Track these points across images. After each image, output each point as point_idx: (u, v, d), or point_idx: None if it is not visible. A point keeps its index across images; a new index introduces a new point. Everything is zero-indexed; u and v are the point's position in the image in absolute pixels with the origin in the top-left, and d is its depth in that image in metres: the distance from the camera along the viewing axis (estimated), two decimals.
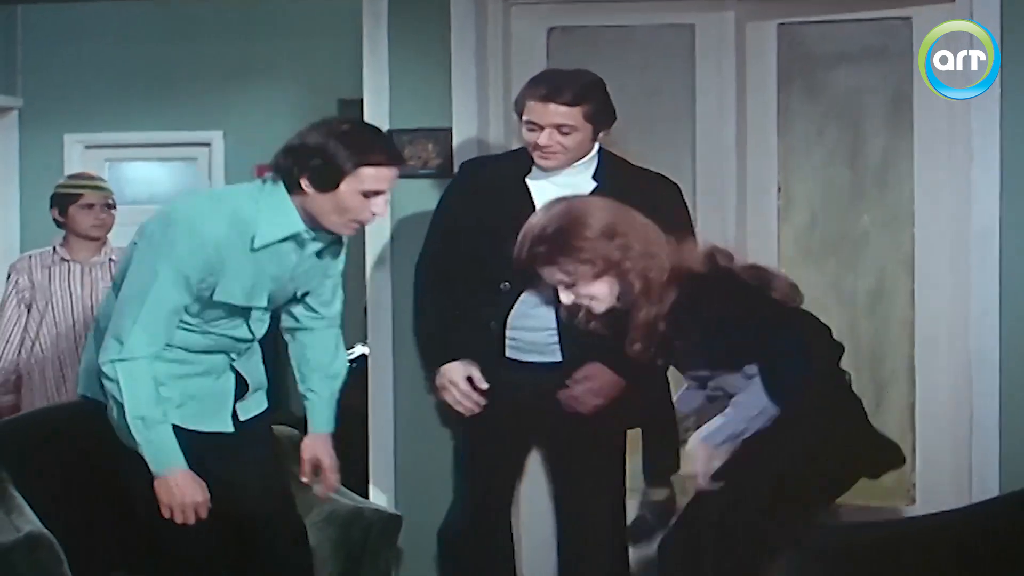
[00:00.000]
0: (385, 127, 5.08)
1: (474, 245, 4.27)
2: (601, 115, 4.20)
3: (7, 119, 9.04)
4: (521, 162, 4.30)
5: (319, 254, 3.78)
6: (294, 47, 9.00)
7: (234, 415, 3.87)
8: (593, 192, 4.17)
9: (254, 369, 3.96)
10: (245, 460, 3.86)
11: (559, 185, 4.20)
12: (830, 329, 3.85)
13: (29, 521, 3.72)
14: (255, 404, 3.97)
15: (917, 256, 4.91)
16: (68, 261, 5.38)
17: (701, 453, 3.73)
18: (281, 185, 3.59)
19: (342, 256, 3.94)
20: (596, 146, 4.28)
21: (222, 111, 9.10)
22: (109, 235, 5.50)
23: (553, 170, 4.23)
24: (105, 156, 9.37)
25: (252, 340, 3.86)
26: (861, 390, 4.86)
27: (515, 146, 4.60)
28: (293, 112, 9.06)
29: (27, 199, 8.80)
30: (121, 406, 3.55)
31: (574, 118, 4.13)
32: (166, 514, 3.60)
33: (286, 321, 4.02)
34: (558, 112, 4.12)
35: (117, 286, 3.68)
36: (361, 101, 5.17)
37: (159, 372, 3.59)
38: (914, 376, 4.90)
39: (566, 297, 3.80)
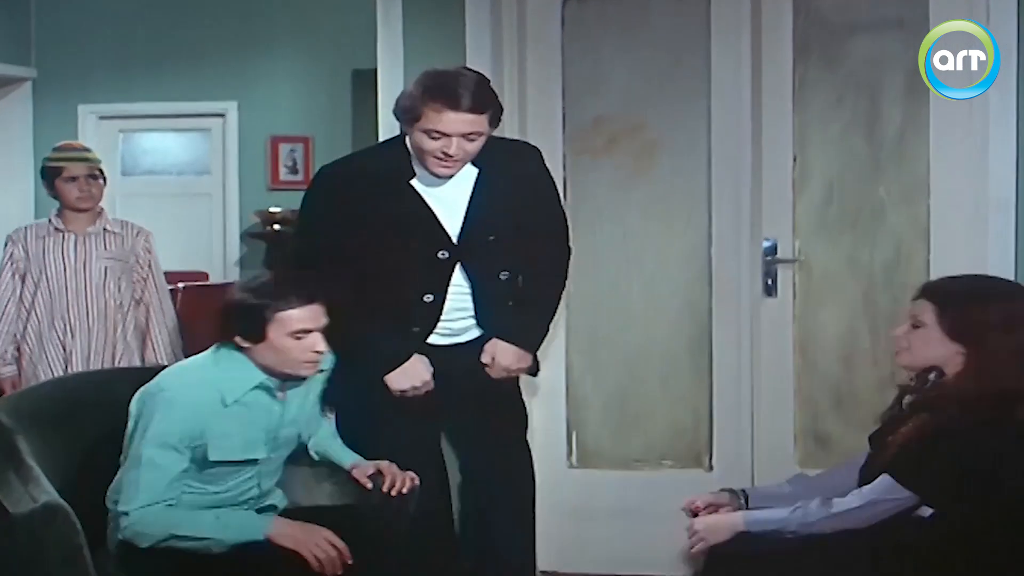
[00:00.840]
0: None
1: (375, 254, 4.08)
2: (498, 115, 4.03)
3: (21, 90, 9.06)
4: (396, 163, 4.09)
5: (317, 385, 4.01)
6: (309, 18, 9.00)
7: None
8: (477, 177, 4.11)
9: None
10: None
11: (449, 183, 4.09)
12: None
13: (46, 491, 3.72)
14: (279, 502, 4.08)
15: (933, 227, 4.90)
16: (62, 231, 5.37)
17: (732, 526, 3.72)
18: (231, 346, 3.82)
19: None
20: None
21: (236, 82, 9.11)
22: (103, 204, 5.50)
23: (449, 176, 4.07)
24: (119, 127, 9.40)
25: (259, 497, 3.94)
26: (876, 361, 4.89)
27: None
28: (307, 83, 9.10)
29: None
30: (183, 542, 3.66)
31: (481, 125, 3.95)
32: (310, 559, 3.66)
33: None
34: (466, 120, 3.92)
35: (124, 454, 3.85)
36: (375, 72, 5.16)
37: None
38: None
39: None
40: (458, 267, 4.14)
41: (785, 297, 5.03)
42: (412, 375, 4.15)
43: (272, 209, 9.13)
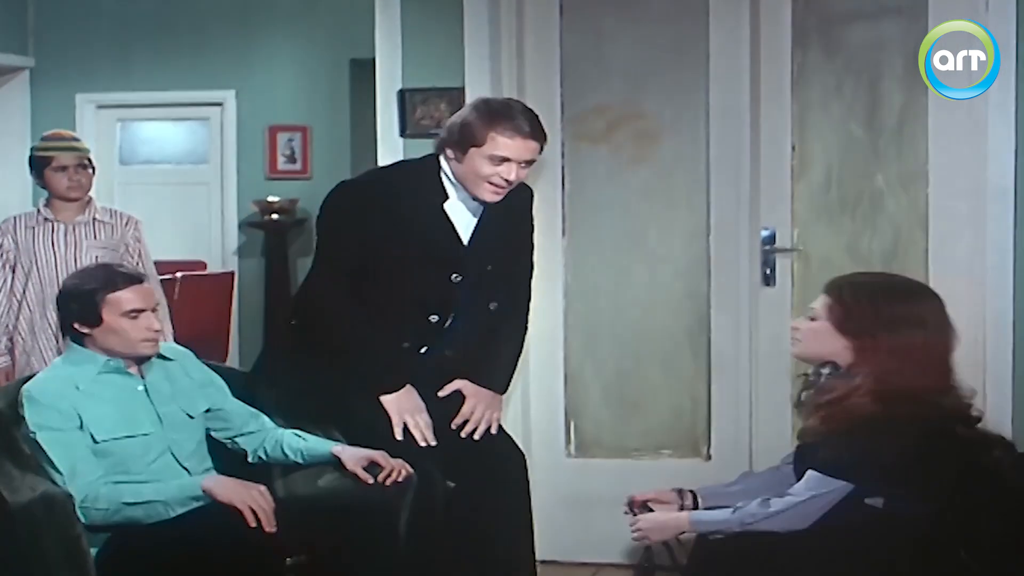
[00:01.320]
0: (398, 87, 5.08)
1: (395, 272, 4.17)
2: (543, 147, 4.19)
3: (19, 79, 9.05)
4: (429, 184, 4.18)
5: (182, 372, 4.11)
6: (307, 7, 8.99)
7: None
8: (482, 212, 4.20)
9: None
10: None
11: (470, 210, 4.20)
12: None
13: (44, 480, 3.73)
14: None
15: (932, 215, 4.89)
16: (52, 221, 5.36)
17: (677, 526, 3.85)
18: (73, 344, 4.01)
19: (209, 373, 4.21)
20: None
21: (235, 71, 9.11)
22: (96, 193, 5.49)
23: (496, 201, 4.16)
24: (117, 116, 9.39)
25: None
26: None
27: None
28: (306, 72, 9.09)
29: None
30: (132, 510, 3.77)
31: (537, 153, 4.12)
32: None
33: (250, 452, 4.20)
34: (529, 148, 4.08)
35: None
36: (373, 61, 5.15)
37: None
38: None
39: None
40: (460, 291, 4.22)
41: (784, 286, 5.02)
42: (408, 406, 4.19)
43: (270, 198, 9.13)
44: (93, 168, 5.48)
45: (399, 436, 4.13)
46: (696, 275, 5.20)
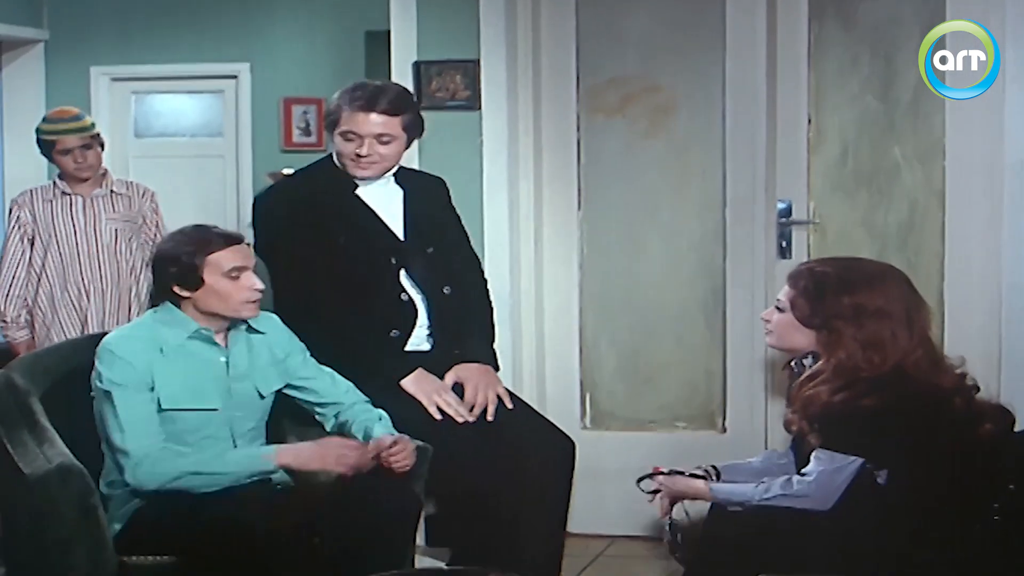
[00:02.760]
0: (413, 59, 5.07)
1: (345, 263, 4.26)
2: (415, 126, 4.29)
3: (33, 52, 9.03)
4: (337, 175, 4.32)
5: (266, 347, 4.02)
6: None
7: None
8: (404, 195, 4.33)
9: None
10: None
11: (383, 194, 4.32)
12: None
13: (60, 452, 3.74)
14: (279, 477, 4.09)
15: (948, 189, 4.89)
16: (69, 194, 5.35)
17: (696, 492, 3.95)
18: (168, 304, 3.92)
19: (307, 355, 4.13)
20: None
21: (249, 43, 9.07)
22: (111, 165, 5.48)
23: (369, 179, 4.28)
24: (131, 89, 9.36)
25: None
26: None
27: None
28: (320, 44, 9.06)
29: None
30: (193, 479, 3.76)
31: (393, 128, 4.21)
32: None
33: (329, 423, 4.15)
34: (378, 122, 4.19)
35: (103, 439, 3.89)
36: (388, 33, 5.14)
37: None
38: (944, 309, 4.88)
39: None
40: (404, 276, 4.31)
41: (800, 259, 5.00)
42: (431, 387, 4.25)
43: (285, 171, 9.09)
44: (102, 144, 5.43)
45: (437, 416, 4.19)
46: (712, 248, 5.19)
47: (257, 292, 3.90)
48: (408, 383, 4.22)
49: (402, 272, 4.31)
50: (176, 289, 3.87)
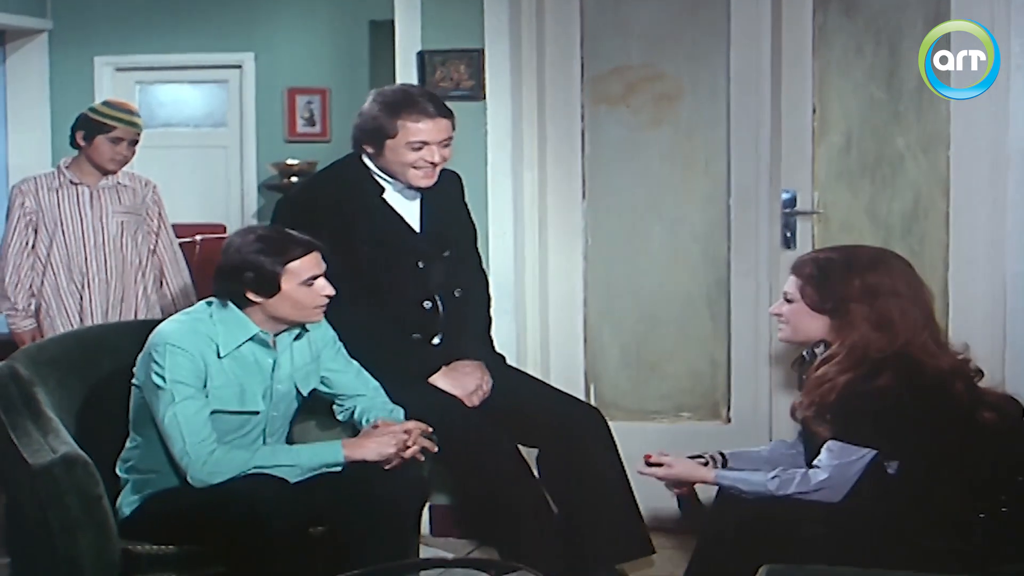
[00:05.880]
0: (417, 48, 5.06)
1: (369, 267, 4.30)
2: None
3: (37, 41, 9.03)
4: (364, 179, 4.33)
5: (307, 344, 4.06)
6: None
7: None
8: (422, 199, 4.36)
9: None
10: None
11: (406, 198, 4.36)
12: None
13: (65, 442, 3.74)
14: None
15: (953, 178, 4.88)
16: (76, 184, 5.33)
17: (700, 476, 3.96)
18: (229, 304, 3.92)
19: (339, 347, 4.17)
20: None
21: (253, 33, 9.08)
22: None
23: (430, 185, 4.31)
24: (135, 79, 9.37)
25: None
26: None
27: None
28: (324, 34, 9.07)
29: (57, 122, 8.81)
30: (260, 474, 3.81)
31: (451, 130, 4.28)
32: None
33: (344, 414, 4.21)
34: (444, 126, 4.25)
35: (134, 423, 3.95)
36: (392, 23, 5.13)
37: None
38: (948, 298, 4.88)
39: None
40: (426, 280, 4.36)
41: (804, 249, 5.00)
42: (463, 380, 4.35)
43: (289, 161, 9.12)
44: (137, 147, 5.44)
45: (476, 402, 4.30)
46: (716, 238, 5.19)
47: (327, 298, 3.92)
48: (438, 379, 4.31)
49: (425, 277, 4.34)
50: (250, 295, 3.88)
